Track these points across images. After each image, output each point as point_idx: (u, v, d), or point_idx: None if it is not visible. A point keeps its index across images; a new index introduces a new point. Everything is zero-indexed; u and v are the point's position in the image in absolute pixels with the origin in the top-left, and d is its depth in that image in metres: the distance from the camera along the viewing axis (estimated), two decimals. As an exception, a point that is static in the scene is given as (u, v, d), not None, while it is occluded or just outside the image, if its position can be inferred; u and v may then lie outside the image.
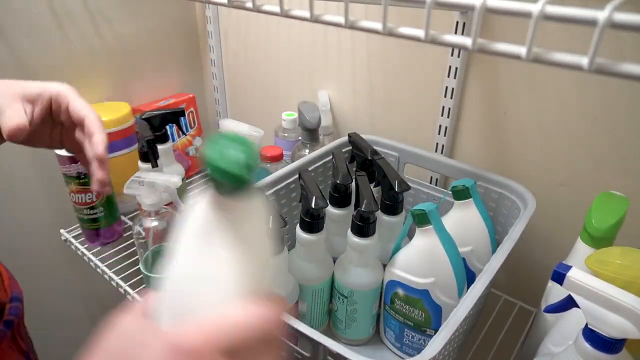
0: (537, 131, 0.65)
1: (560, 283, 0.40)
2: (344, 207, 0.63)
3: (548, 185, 0.66)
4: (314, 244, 0.57)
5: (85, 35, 0.87)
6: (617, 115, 0.58)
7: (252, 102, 1.07)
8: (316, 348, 0.42)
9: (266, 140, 0.88)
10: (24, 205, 0.88)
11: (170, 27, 1.01)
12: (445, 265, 0.53)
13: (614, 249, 0.47)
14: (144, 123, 0.72)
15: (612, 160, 0.60)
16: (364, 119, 0.86)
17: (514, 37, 0.61)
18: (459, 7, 0.29)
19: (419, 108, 0.77)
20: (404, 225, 0.61)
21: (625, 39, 0.53)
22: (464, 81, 0.70)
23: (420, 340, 0.59)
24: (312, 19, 0.36)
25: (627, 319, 0.36)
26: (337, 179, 0.61)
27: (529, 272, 0.73)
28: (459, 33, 0.65)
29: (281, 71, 0.96)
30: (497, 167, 0.71)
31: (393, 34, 0.32)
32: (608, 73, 0.24)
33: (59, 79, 0.84)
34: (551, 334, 0.50)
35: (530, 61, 0.26)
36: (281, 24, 0.91)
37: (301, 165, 0.67)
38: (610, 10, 0.23)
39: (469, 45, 0.28)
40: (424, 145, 0.76)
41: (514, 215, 0.59)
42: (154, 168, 0.73)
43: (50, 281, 0.97)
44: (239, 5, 0.42)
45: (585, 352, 0.39)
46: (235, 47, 1.03)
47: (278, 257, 0.54)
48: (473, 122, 0.72)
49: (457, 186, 0.59)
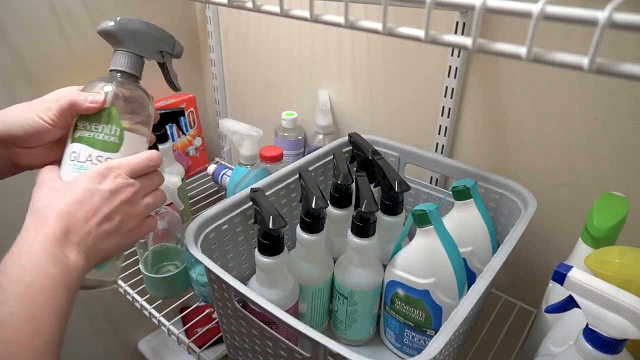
0: (537, 131, 0.65)
1: (561, 283, 0.40)
2: (345, 207, 0.63)
3: (548, 185, 0.66)
4: (314, 244, 0.57)
5: (85, 35, 0.87)
6: (617, 115, 0.58)
7: (252, 102, 1.07)
8: (316, 348, 0.42)
9: (266, 140, 0.88)
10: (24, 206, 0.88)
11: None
12: (445, 265, 0.53)
13: (613, 248, 0.47)
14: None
15: (612, 160, 0.60)
16: (364, 119, 0.86)
17: (514, 37, 0.61)
18: (459, 7, 0.29)
19: (419, 108, 0.77)
20: (404, 225, 0.61)
21: (625, 39, 0.53)
22: (464, 81, 0.70)
23: (420, 340, 0.59)
24: (312, 19, 0.36)
25: (627, 319, 0.36)
26: (337, 180, 0.61)
27: (529, 273, 0.73)
28: (459, 33, 0.65)
29: (281, 71, 0.96)
30: (497, 167, 0.71)
31: (393, 34, 0.32)
32: (608, 73, 0.24)
33: (59, 79, 0.84)
34: (551, 334, 0.50)
35: (530, 61, 0.26)
36: (281, 24, 0.91)
37: (301, 165, 0.67)
38: (610, 10, 0.22)
39: (469, 45, 0.28)
40: (424, 145, 0.76)
41: (515, 216, 0.59)
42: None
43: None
44: (239, 5, 0.42)
45: (586, 353, 0.39)
46: (235, 47, 1.03)
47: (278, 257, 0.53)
48: (473, 122, 0.71)
49: (457, 186, 0.59)
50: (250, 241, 0.63)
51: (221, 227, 0.57)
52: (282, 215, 0.50)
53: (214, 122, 1.15)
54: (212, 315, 0.82)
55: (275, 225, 0.49)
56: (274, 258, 0.53)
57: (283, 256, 0.54)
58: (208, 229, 0.56)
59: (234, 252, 0.61)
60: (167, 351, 1.21)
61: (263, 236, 0.52)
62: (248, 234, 0.62)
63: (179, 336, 0.69)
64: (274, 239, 0.52)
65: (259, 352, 0.53)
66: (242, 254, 0.62)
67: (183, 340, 0.69)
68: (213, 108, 1.15)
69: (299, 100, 0.96)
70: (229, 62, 1.06)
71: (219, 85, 1.09)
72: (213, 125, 1.17)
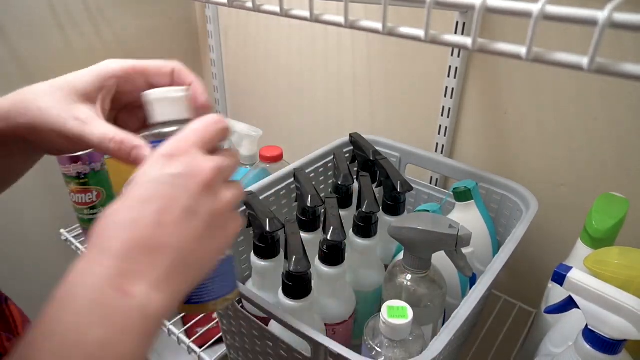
0: (537, 131, 0.65)
1: (561, 284, 0.40)
2: (346, 207, 0.63)
3: (548, 185, 0.66)
4: (310, 243, 0.57)
5: (85, 35, 0.87)
6: (617, 115, 0.58)
7: (252, 102, 1.07)
8: (317, 348, 0.42)
9: (266, 140, 0.88)
10: (24, 206, 0.88)
11: (170, 27, 1.02)
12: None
13: (613, 249, 0.47)
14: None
15: (612, 160, 0.60)
16: (364, 119, 0.86)
17: (514, 37, 0.61)
18: (459, 7, 0.29)
19: (419, 108, 0.77)
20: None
21: (625, 39, 0.53)
22: (464, 81, 0.70)
23: (420, 340, 0.59)
24: (312, 19, 0.36)
25: (627, 320, 0.36)
26: (338, 180, 0.60)
27: (528, 273, 0.73)
28: (459, 33, 0.65)
29: (281, 71, 0.96)
30: (496, 167, 0.71)
31: (393, 34, 0.32)
32: (608, 73, 0.24)
33: (59, 79, 0.84)
34: (551, 334, 0.50)
35: (530, 61, 0.26)
36: (281, 23, 0.91)
37: (301, 165, 0.67)
38: (610, 10, 0.22)
39: (469, 45, 0.28)
40: (424, 145, 0.76)
41: (516, 217, 0.59)
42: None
43: (50, 281, 0.97)
44: (239, 5, 0.42)
45: (586, 353, 0.39)
46: (235, 47, 1.03)
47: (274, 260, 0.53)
48: (473, 122, 0.71)
49: (458, 188, 0.59)
50: (250, 242, 0.63)
51: (221, 227, 0.57)
52: (277, 218, 0.51)
53: (214, 122, 1.15)
54: (212, 316, 0.82)
55: (272, 228, 0.49)
56: (269, 261, 0.53)
57: (279, 259, 0.54)
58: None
59: (234, 253, 0.61)
60: (167, 351, 1.21)
61: (259, 239, 0.52)
62: (248, 234, 0.62)
63: (179, 336, 0.69)
64: (269, 241, 0.52)
65: (259, 353, 0.53)
66: (242, 255, 0.62)
67: (183, 340, 0.69)
68: (213, 108, 1.15)
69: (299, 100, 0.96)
70: (229, 62, 1.06)
71: (219, 85, 1.09)
72: (213, 125, 1.17)
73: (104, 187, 0.78)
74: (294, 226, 0.51)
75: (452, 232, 0.46)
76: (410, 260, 0.49)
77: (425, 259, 0.49)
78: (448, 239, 0.46)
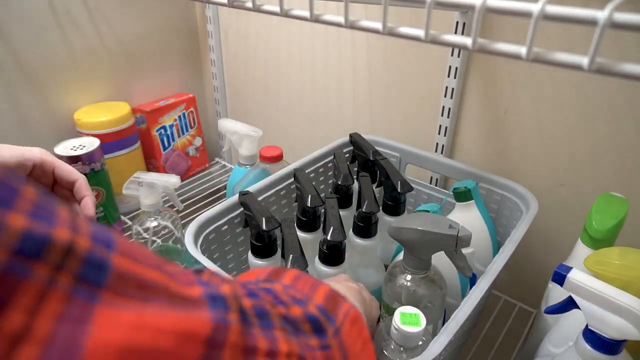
0: (537, 131, 0.65)
1: (561, 284, 0.40)
2: (346, 207, 0.63)
3: (548, 185, 0.66)
4: (311, 243, 0.57)
5: (85, 35, 0.87)
6: (617, 115, 0.58)
7: (252, 102, 1.07)
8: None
9: (266, 140, 0.88)
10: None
11: (170, 27, 1.01)
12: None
13: (613, 249, 0.47)
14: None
15: (612, 160, 0.60)
16: (364, 119, 0.86)
17: (514, 37, 0.61)
18: (459, 7, 0.29)
19: (419, 108, 0.77)
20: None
21: (625, 39, 0.53)
22: (464, 81, 0.70)
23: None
24: (312, 19, 0.36)
25: (627, 320, 0.36)
26: (338, 180, 0.60)
27: (528, 273, 0.73)
28: (459, 33, 0.65)
29: (281, 71, 0.96)
30: (496, 166, 0.71)
31: (393, 34, 0.32)
32: (608, 73, 0.24)
33: (59, 79, 0.84)
34: (551, 335, 0.50)
35: (530, 61, 0.26)
36: (281, 23, 0.91)
37: (301, 165, 0.67)
38: (610, 10, 0.22)
39: (469, 45, 0.28)
40: (424, 145, 0.76)
41: (516, 217, 0.59)
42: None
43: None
44: (239, 5, 0.42)
45: (586, 353, 0.39)
46: (235, 47, 1.03)
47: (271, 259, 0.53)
48: (473, 122, 0.71)
49: (458, 188, 0.59)
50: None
51: (221, 228, 0.57)
52: (274, 217, 0.51)
53: (214, 122, 1.15)
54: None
55: (269, 227, 0.49)
56: (267, 260, 0.53)
57: (276, 258, 0.54)
58: (208, 229, 0.56)
59: (234, 253, 0.61)
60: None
61: (256, 238, 0.52)
62: (248, 234, 0.62)
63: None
64: (266, 240, 0.52)
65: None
66: (242, 255, 0.62)
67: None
68: (213, 108, 1.15)
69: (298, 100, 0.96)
70: (229, 62, 1.06)
71: (219, 85, 1.09)
72: (213, 125, 1.17)
73: (104, 188, 0.78)
74: (291, 225, 0.51)
75: (452, 233, 0.46)
76: (410, 261, 0.49)
77: (425, 259, 0.49)
78: (448, 239, 0.46)
